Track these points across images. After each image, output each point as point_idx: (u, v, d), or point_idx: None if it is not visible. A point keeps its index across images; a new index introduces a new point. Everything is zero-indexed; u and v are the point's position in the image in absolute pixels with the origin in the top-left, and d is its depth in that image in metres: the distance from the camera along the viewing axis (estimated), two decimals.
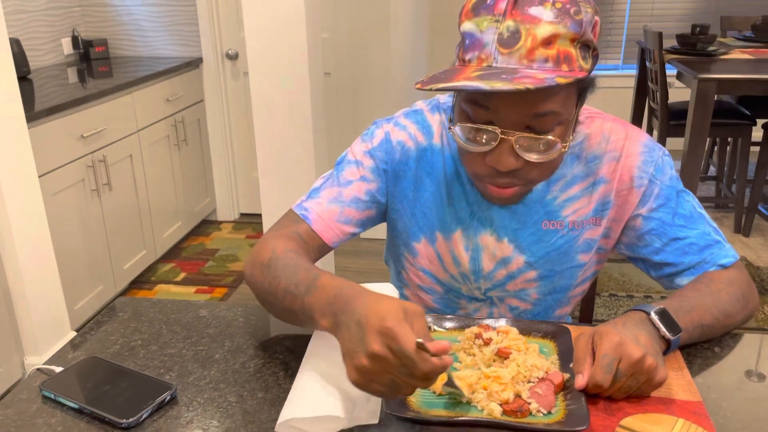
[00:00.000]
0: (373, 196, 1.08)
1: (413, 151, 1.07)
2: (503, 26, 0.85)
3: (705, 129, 3.04)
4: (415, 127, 1.08)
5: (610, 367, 0.79)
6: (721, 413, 0.81)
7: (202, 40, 3.57)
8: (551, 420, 0.77)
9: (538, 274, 1.08)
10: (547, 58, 0.84)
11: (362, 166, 1.07)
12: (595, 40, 0.89)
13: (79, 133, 2.63)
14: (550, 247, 1.06)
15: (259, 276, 0.95)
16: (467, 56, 0.88)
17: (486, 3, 0.87)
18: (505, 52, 0.84)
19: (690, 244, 1.02)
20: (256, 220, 3.90)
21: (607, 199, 1.04)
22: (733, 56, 3.41)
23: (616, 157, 1.03)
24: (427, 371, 0.69)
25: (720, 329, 0.96)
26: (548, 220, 1.05)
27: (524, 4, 0.85)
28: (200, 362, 0.93)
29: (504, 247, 1.06)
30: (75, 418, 0.81)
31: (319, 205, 1.05)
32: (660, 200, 1.03)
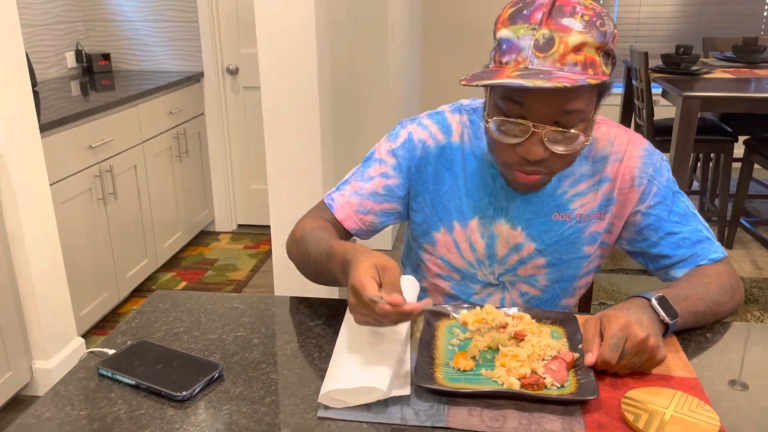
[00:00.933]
0: (391, 190, 1.20)
1: (433, 149, 1.19)
2: (539, 34, 0.96)
3: (689, 145, 3.17)
4: (436, 127, 1.20)
5: (617, 346, 0.89)
6: (714, 388, 0.91)
7: (204, 55, 3.66)
8: (564, 392, 0.87)
9: (546, 261, 1.19)
10: (576, 62, 0.96)
11: (384, 164, 1.20)
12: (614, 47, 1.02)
13: (87, 143, 2.70)
14: (558, 237, 1.17)
15: (295, 251, 1.17)
16: (504, 59, 0.99)
17: (523, 13, 0.99)
18: (540, 55, 0.96)
19: (683, 239, 1.14)
20: (254, 231, 3.97)
21: (611, 196, 1.16)
22: (715, 75, 3.55)
23: (620, 159, 1.15)
24: (382, 314, 0.86)
25: (711, 317, 1.06)
26: (558, 212, 1.16)
27: (557, 16, 0.96)
28: (240, 346, 1.01)
29: (517, 235, 1.17)
30: (132, 393, 0.89)
31: (343, 197, 1.21)
32: (657, 198, 1.14)
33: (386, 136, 1.24)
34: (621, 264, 3.43)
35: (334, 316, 1.10)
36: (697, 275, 1.10)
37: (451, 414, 0.84)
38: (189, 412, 0.85)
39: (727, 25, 4.91)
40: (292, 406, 0.87)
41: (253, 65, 3.69)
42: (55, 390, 0.90)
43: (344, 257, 0.97)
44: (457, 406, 0.86)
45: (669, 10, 4.94)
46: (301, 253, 1.13)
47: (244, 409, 0.86)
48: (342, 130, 3.65)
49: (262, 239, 3.87)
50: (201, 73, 3.68)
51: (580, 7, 0.98)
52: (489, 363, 0.94)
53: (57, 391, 0.90)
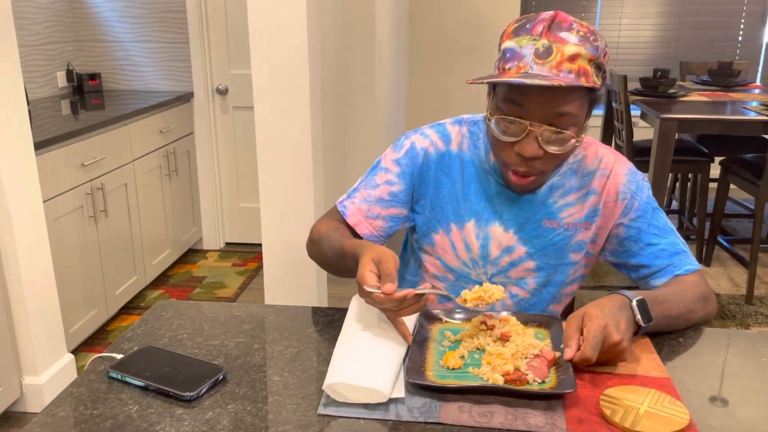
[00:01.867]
0: (396, 196, 1.31)
1: (434, 155, 1.30)
2: (539, 43, 1.09)
3: (667, 165, 3.27)
4: (436, 136, 1.31)
5: (597, 347, 0.97)
6: (685, 387, 0.98)
7: (194, 75, 3.73)
8: (545, 387, 0.94)
9: (536, 264, 1.28)
10: (571, 70, 1.08)
11: (389, 172, 1.32)
12: (605, 64, 1.14)
13: (80, 161, 2.75)
14: (547, 242, 1.27)
15: (314, 251, 1.30)
16: (507, 65, 1.12)
17: (526, 27, 1.12)
18: (539, 62, 1.08)
19: (661, 250, 1.24)
20: (242, 249, 4.02)
21: (597, 207, 1.26)
22: (691, 98, 3.67)
23: (606, 175, 1.26)
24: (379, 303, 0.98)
25: (684, 322, 1.15)
26: (548, 220, 1.26)
27: (556, 29, 1.09)
28: (242, 351, 1.06)
29: (509, 237, 1.27)
30: (142, 394, 0.95)
31: (353, 204, 1.32)
32: (638, 212, 1.25)
33: (392, 145, 1.35)
34: (603, 281, 3.52)
35: (331, 323, 1.16)
36: (675, 283, 1.20)
37: (443, 410, 0.90)
38: (196, 411, 0.91)
39: (703, 50, 5.07)
40: (293, 405, 0.92)
41: (242, 85, 3.77)
42: (68, 392, 0.95)
43: (353, 254, 1.10)
44: (447, 402, 0.92)
45: (647, 35, 5.09)
46: (320, 253, 1.27)
47: (248, 408, 0.92)
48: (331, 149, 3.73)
49: (249, 257, 3.91)
50: (191, 93, 3.75)
51: (576, 24, 1.11)
52: (477, 362, 1.01)
53: (70, 393, 0.95)
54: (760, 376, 1.01)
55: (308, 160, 2.30)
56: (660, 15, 5.04)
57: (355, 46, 3.52)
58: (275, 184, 2.33)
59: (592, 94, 1.14)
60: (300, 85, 2.22)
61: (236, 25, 3.67)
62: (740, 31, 5.02)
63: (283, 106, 2.25)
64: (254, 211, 3.96)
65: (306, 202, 2.34)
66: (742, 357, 1.07)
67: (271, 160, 2.31)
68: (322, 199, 2.47)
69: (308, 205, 2.35)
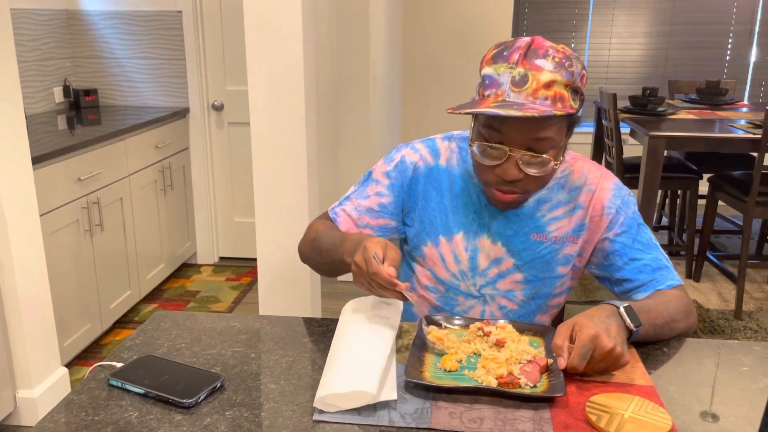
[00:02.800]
0: (385, 207, 1.36)
1: (422, 170, 1.34)
2: (516, 71, 1.12)
3: (656, 182, 3.33)
4: (426, 150, 1.35)
5: (585, 357, 1.01)
6: (669, 395, 1.01)
7: (190, 91, 3.77)
8: (537, 391, 0.97)
9: (524, 277, 1.31)
10: (547, 97, 1.11)
11: (379, 184, 1.36)
12: (582, 87, 1.17)
13: (76, 176, 2.78)
14: (535, 255, 1.30)
15: (309, 250, 1.34)
16: (486, 92, 1.15)
17: (503, 54, 1.15)
18: (516, 90, 1.12)
19: (645, 265, 1.27)
20: (236, 264, 4.04)
21: (584, 222, 1.30)
22: (680, 116, 3.73)
23: (593, 190, 1.30)
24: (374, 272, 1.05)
25: (668, 331, 1.18)
26: (536, 233, 1.30)
27: (532, 57, 1.13)
28: (239, 360, 1.09)
29: (497, 249, 1.30)
30: (141, 401, 0.97)
31: (344, 212, 1.37)
32: (623, 227, 1.28)
33: (384, 157, 1.40)
34: (594, 296, 3.55)
35: (325, 333, 1.19)
36: (657, 295, 1.24)
37: (434, 416, 0.93)
38: (195, 417, 0.93)
39: (691, 69, 5.16)
40: (289, 412, 0.95)
41: (238, 102, 3.81)
42: (69, 399, 0.98)
43: (358, 240, 1.16)
44: (439, 409, 0.95)
45: (636, 54, 5.18)
46: (315, 248, 1.31)
47: (245, 414, 0.94)
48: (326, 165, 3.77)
49: (243, 271, 3.93)
50: (187, 108, 3.79)
51: (552, 50, 1.14)
52: (472, 366, 1.06)
53: (71, 400, 0.97)
54: (741, 384, 1.05)
55: (303, 175, 2.33)
56: (649, 34, 5.13)
57: (350, 64, 3.57)
58: (270, 198, 2.36)
59: (570, 117, 1.18)
60: (296, 101, 2.27)
61: (232, 42, 3.72)
62: (728, 50, 5.11)
63: (278, 121, 2.29)
64: (248, 225, 3.99)
65: (301, 217, 2.38)
66: (723, 366, 1.10)
67: (266, 174, 2.34)
68: (317, 213, 2.50)
69: (303, 220, 2.38)
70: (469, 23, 5.08)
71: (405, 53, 5.19)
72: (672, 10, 5.06)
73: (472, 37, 5.09)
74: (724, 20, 5.05)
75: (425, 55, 5.18)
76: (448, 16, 5.08)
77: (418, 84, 5.24)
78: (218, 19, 3.71)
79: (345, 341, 1.06)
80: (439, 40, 5.13)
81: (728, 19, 5.04)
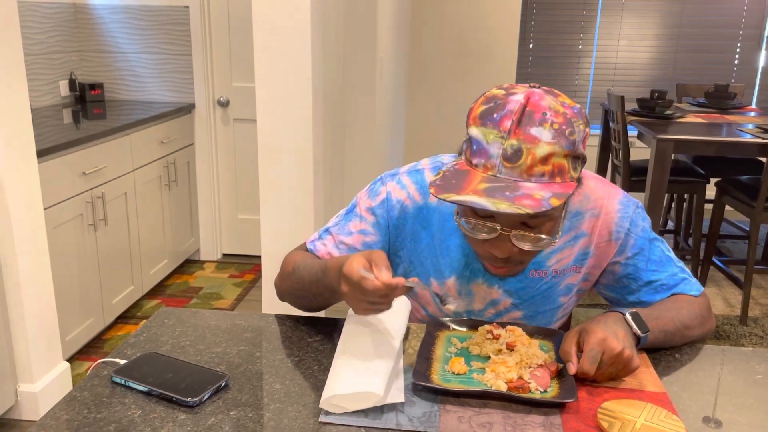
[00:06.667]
0: (369, 246, 1.23)
1: (411, 209, 1.22)
2: (507, 143, 0.98)
3: (663, 185, 3.30)
4: (414, 187, 1.22)
5: (595, 359, 0.98)
6: (681, 402, 0.99)
7: (195, 87, 3.76)
8: (547, 396, 0.95)
9: (523, 314, 1.24)
10: (544, 173, 0.98)
11: (364, 221, 1.24)
12: (584, 148, 1.03)
13: (81, 170, 2.76)
14: (534, 292, 1.22)
15: (288, 283, 1.22)
16: (474, 160, 1.01)
17: (493, 116, 1.00)
18: (508, 166, 0.98)
19: (661, 285, 1.20)
20: (239, 261, 4.02)
21: (587, 250, 1.20)
22: (688, 120, 3.71)
23: (596, 215, 1.19)
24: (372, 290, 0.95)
25: (680, 338, 1.15)
26: (535, 270, 1.20)
27: (526, 125, 0.98)
28: (244, 358, 1.08)
29: (493, 292, 1.22)
30: (145, 399, 0.96)
31: (325, 247, 1.25)
32: (635, 249, 1.19)
33: (367, 189, 1.27)
34: (599, 299, 3.53)
35: (331, 332, 1.18)
36: (670, 300, 1.19)
37: (442, 420, 0.92)
38: (199, 417, 0.92)
39: (700, 72, 5.13)
40: (294, 413, 0.93)
41: (243, 98, 3.79)
42: (72, 395, 0.96)
43: (339, 264, 1.03)
44: (447, 412, 0.93)
45: (645, 57, 5.15)
46: (295, 282, 1.19)
47: (250, 414, 0.93)
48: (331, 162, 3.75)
49: (246, 268, 3.92)
50: (192, 104, 3.77)
51: (550, 113, 0.98)
52: (482, 370, 1.03)
53: (73, 397, 0.96)
54: (755, 392, 1.03)
55: (309, 173, 2.32)
56: (657, 37, 5.10)
57: (357, 61, 3.55)
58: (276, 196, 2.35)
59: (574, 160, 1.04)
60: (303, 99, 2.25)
61: (239, 39, 3.71)
62: (736, 54, 5.08)
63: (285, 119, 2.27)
64: (252, 222, 3.98)
65: (306, 214, 2.36)
66: (738, 374, 1.08)
67: (272, 172, 2.33)
68: (321, 211, 2.49)
69: (308, 217, 2.37)
70: (476, 24, 5.05)
71: (411, 53, 5.17)
72: (681, 13, 5.03)
73: (478, 39, 5.07)
74: (733, 24, 5.02)
75: (431, 55, 5.16)
76: (455, 17, 5.06)
77: (424, 84, 5.22)
78: (225, 15, 3.69)
79: (351, 341, 1.04)
80: (445, 40, 5.11)
81: (737, 23, 5.02)
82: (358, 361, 0.98)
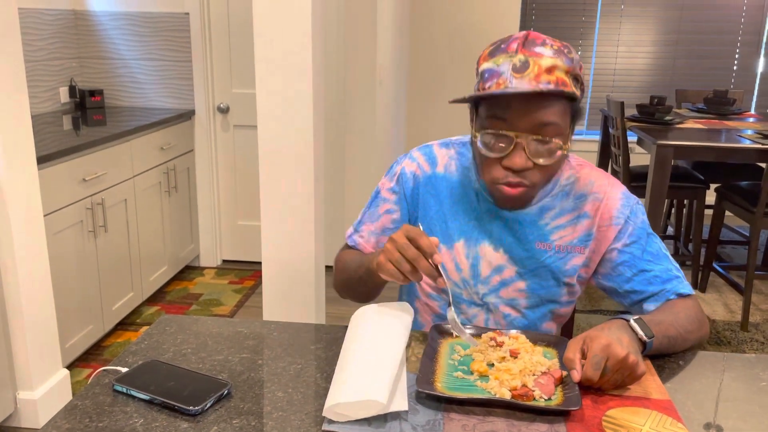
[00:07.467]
0: (398, 223, 1.35)
1: (421, 178, 1.33)
2: (516, 59, 1.10)
3: (663, 191, 3.30)
4: (423, 158, 1.34)
5: (599, 365, 0.98)
6: (686, 409, 0.99)
7: (196, 93, 3.76)
8: (551, 404, 0.95)
9: (527, 285, 1.28)
10: (549, 81, 1.09)
11: (387, 201, 1.36)
12: (581, 77, 1.15)
13: (81, 176, 2.76)
14: (538, 264, 1.27)
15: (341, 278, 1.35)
16: (486, 85, 1.12)
17: (501, 47, 1.14)
18: (518, 76, 1.09)
19: (655, 276, 1.24)
20: (239, 267, 4.02)
21: (590, 231, 1.26)
22: (687, 126, 3.71)
23: (600, 199, 1.26)
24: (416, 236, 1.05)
25: (681, 342, 1.16)
26: (540, 242, 1.27)
27: (530, 45, 1.11)
28: (246, 366, 1.07)
29: (499, 257, 1.28)
30: (147, 408, 0.95)
31: (362, 238, 1.38)
32: (633, 238, 1.25)
33: (386, 174, 1.39)
34: (599, 305, 3.53)
35: (334, 340, 1.17)
36: (668, 306, 1.21)
37: (446, 428, 0.91)
38: (201, 425, 0.91)
39: (699, 78, 5.14)
40: (297, 421, 0.93)
41: (243, 104, 3.79)
42: (73, 404, 0.96)
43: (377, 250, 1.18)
44: (451, 420, 0.93)
45: (644, 63, 5.16)
46: (346, 276, 1.32)
47: (253, 423, 0.92)
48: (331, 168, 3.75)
49: (246, 275, 3.91)
50: (192, 110, 3.77)
51: (549, 40, 1.13)
52: (485, 377, 1.03)
53: (75, 405, 0.95)
54: (759, 399, 1.02)
55: (310, 179, 2.32)
56: (656, 43, 5.11)
57: (357, 68, 3.55)
58: (277, 202, 2.34)
59: (573, 105, 1.15)
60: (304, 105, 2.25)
61: (239, 45, 3.71)
62: (735, 60, 5.09)
63: (286, 125, 2.27)
64: (252, 228, 3.98)
65: (306, 220, 2.36)
66: (742, 381, 1.08)
67: (273, 178, 2.33)
68: (322, 217, 2.49)
69: (309, 223, 2.36)
70: (476, 30, 5.06)
71: (411, 59, 5.18)
72: (679, 19, 5.04)
73: (478, 44, 5.08)
74: (731, 30, 5.03)
75: (431, 61, 5.17)
76: (455, 23, 5.07)
77: (424, 90, 5.23)
78: (225, 21, 3.69)
79: (354, 349, 1.04)
80: (445, 46, 5.12)
81: (736, 29, 5.03)
82: (361, 369, 0.97)
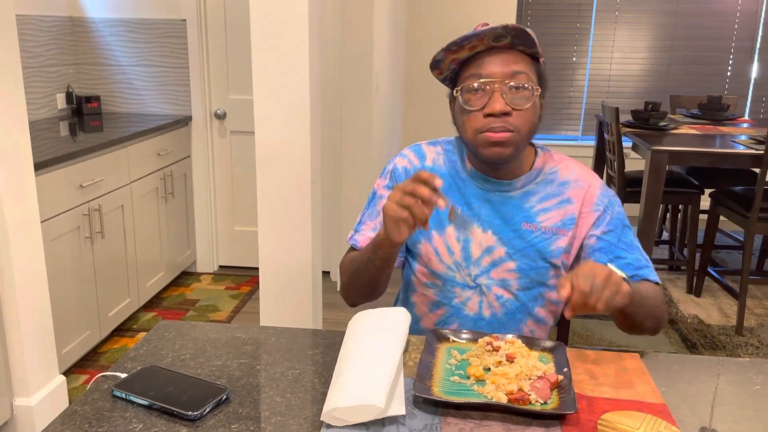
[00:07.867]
0: None
1: (411, 171, 1.41)
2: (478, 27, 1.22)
3: (658, 196, 3.32)
4: (413, 154, 1.43)
5: (587, 277, 1.02)
6: (681, 413, 1.00)
7: (192, 100, 3.77)
8: (547, 408, 0.96)
9: (516, 265, 1.34)
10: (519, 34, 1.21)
11: (384, 198, 1.41)
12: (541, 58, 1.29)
13: (78, 182, 2.76)
14: (526, 244, 1.33)
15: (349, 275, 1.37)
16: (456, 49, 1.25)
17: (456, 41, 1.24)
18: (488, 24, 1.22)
19: (628, 264, 1.32)
20: (235, 273, 4.02)
21: (573, 215, 1.35)
22: (682, 131, 3.73)
23: (583, 186, 1.36)
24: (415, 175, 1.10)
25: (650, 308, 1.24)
26: (526, 222, 1.34)
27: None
28: (244, 371, 1.08)
29: (488, 238, 1.34)
30: (146, 413, 0.96)
31: (363, 235, 1.42)
32: (610, 226, 1.34)
33: (380, 174, 1.46)
34: None
35: (332, 345, 1.18)
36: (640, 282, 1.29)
37: None
38: (200, 430, 0.92)
39: (693, 84, 5.17)
40: (296, 426, 0.93)
41: (240, 110, 3.81)
42: (72, 410, 0.96)
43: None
44: (448, 425, 0.94)
45: (638, 69, 5.19)
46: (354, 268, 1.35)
47: (251, 428, 0.93)
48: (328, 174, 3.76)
49: (243, 280, 3.91)
50: (189, 116, 3.78)
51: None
52: (482, 382, 1.04)
53: (74, 411, 0.96)
54: (753, 403, 1.03)
55: (307, 185, 2.32)
56: (651, 49, 5.14)
57: (354, 74, 3.57)
58: (274, 208, 2.35)
59: (537, 66, 1.27)
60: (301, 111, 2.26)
61: (235, 51, 3.72)
62: (729, 66, 5.13)
63: (283, 131, 2.28)
64: (249, 234, 3.98)
65: (303, 226, 2.37)
66: (736, 384, 1.09)
67: (270, 184, 2.33)
68: (319, 222, 2.49)
69: (305, 229, 2.37)
70: None
71: (407, 64, 5.20)
72: (674, 26, 5.08)
73: None
74: (725, 36, 5.07)
75: (427, 66, 5.18)
76: (450, 29, 5.09)
77: (420, 94, 5.25)
78: (222, 27, 3.71)
79: (352, 354, 1.04)
80: None
81: (729, 36, 5.06)
82: (359, 373, 0.98)
